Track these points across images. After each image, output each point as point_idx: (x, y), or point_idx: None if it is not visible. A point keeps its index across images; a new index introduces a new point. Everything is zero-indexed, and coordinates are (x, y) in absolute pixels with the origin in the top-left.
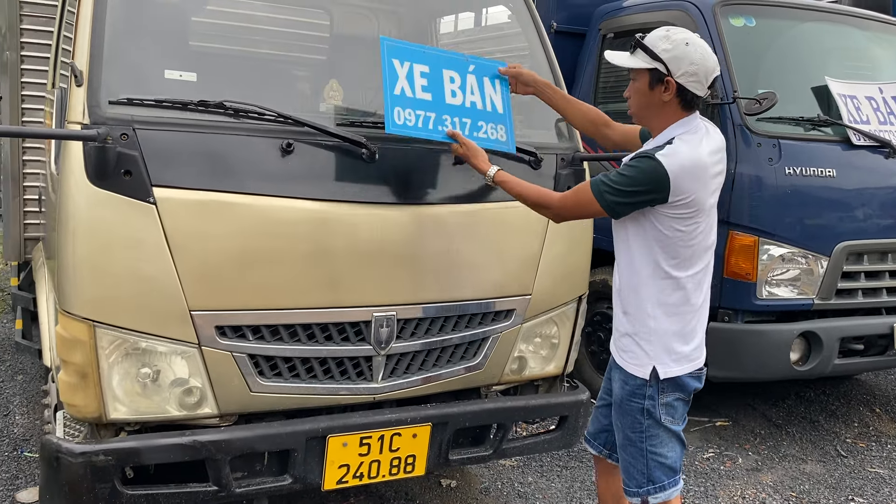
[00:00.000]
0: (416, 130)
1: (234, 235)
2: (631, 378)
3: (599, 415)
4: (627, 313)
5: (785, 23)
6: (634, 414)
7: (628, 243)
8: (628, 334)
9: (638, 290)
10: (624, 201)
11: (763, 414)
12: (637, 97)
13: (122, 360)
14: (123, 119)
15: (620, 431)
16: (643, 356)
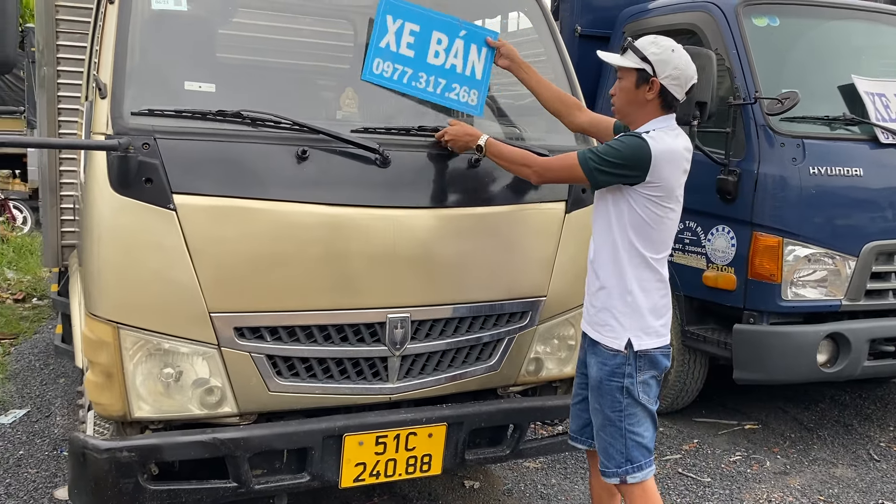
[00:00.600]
0: (389, 82)
1: (251, 240)
2: (610, 358)
3: (579, 410)
4: (605, 288)
5: (810, 21)
6: (613, 393)
7: (609, 223)
8: (606, 308)
9: (617, 267)
10: (606, 170)
11: (794, 417)
12: (622, 94)
13: (145, 360)
14: (145, 129)
15: (599, 413)
16: (619, 328)
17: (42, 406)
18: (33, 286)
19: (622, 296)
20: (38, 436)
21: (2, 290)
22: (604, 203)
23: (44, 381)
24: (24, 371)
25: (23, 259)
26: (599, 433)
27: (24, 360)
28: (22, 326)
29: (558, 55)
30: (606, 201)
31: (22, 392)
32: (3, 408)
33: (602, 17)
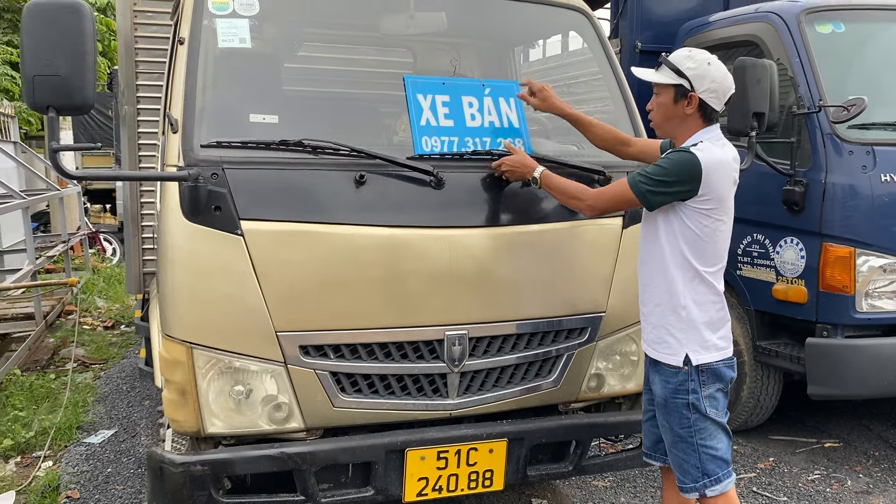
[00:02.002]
0: (441, 152)
1: (313, 262)
2: (672, 375)
3: (650, 427)
4: (659, 305)
5: (876, 25)
6: (680, 410)
7: (658, 240)
8: (661, 325)
9: (670, 283)
10: (659, 190)
11: (879, 435)
12: (661, 110)
13: (216, 378)
14: (213, 160)
15: (669, 431)
16: (676, 345)
17: (128, 426)
18: (121, 314)
19: (676, 311)
20: (124, 454)
21: (93, 318)
22: (652, 221)
23: (130, 402)
24: (112, 394)
25: (112, 288)
26: (672, 450)
27: (112, 383)
28: (111, 352)
29: (613, 75)
30: (655, 220)
31: (110, 413)
32: (94, 428)
33: (662, 31)
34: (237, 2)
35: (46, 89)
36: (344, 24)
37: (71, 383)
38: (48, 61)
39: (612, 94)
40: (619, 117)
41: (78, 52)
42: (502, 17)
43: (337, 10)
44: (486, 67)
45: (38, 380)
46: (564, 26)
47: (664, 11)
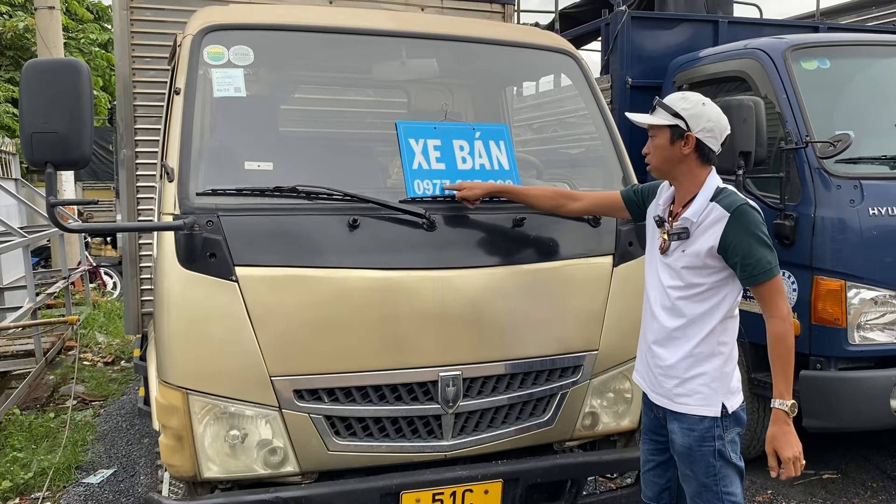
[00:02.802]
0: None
1: (307, 306)
2: (697, 423)
3: (653, 477)
4: (691, 356)
5: (861, 61)
6: (707, 458)
7: (714, 294)
8: (696, 376)
9: (707, 333)
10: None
11: (877, 466)
12: (658, 152)
13: (212, 423)
14: (208, 208)
15: (693, 480)
16: (711, 395)
17: (128, 466)
18: (122, 349)
19: (710, 359)
20: (123, 494)
21: (93, 354)
22: (697, 275)
23: (129, 441)
24: (111, 432)
25: (112, 323)
26: (695, 500)
27: (112, 420)
28: (111, 388)
29: (601, 114)
30: (705, 274)
31: (110, 452)
32: (93, 468)
33: (652, 67)
34: (232, 51)
35: (44, 146)
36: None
37: (70, 421)
38: (46, 118)
39: (600, 133)
40: (606, 155)
41: (75, 109)
42: (492, 60)
43: (330, 57)
44: (478, 108)
45: (37, 419)
46: (553, 68)
47: (654, 47)
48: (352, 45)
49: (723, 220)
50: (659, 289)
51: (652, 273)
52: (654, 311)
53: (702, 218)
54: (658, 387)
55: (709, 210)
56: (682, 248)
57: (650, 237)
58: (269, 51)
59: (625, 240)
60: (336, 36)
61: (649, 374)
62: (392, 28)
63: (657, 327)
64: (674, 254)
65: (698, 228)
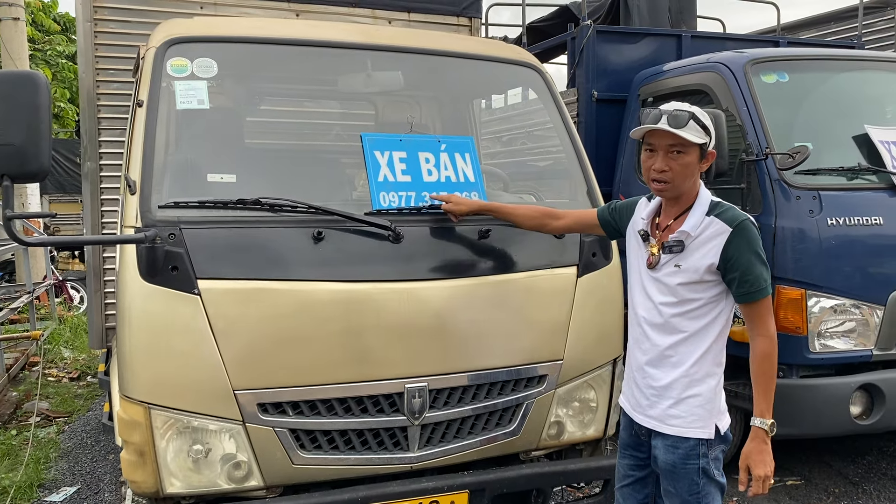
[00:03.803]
0: (399, 207)
1: (272, 319)
2: (681, 441)
3: (631, 491)
4: (688, 375)
5: (819, 75)
6: (691, 476)
7: (710, 310)
8: (691, 396)
9: (703, 354)
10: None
11: (839, 471)
12: (686, 170)
13: (175, 438)
14: (171, 221)
15: (676, 497)
16: (706, 416)
17: (92, 483)
18: (88, 364)
19: (706, 380)
20: None
21: (58, 369)
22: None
23: (94, 457)
24: (76, 448)
25: (78, 338)
26: None
27: (76, 437)
28: (76, 404)
29: (564, 127)
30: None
31: (73, 469)
32: (56, 486)
33: (617, 80)
34: (195, 64)
35: (1, 158)
36: (304, 81)
37: (33, 438)
38: (2, 131)
39: (564, 146)
40: (570, 168)
41: (33, 121)
42: (457, 73)
43: (296, 70)
44: (445, 121)
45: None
46: (517, 81)
47: (619, 61)
48: (318, 57)
49: (724, 235)
50: (648, 306)
51: (638, 291)
52: (645, 329)
53: (699, 231)
54: (649, 408)
55: (707, 224)
56: (676, 262)
57: (634, 254)
58: (234, 63)
59: (588, 251)
60: (302, 49)
61: (639, 395)
62: (358, 41)
63: (648, 346)
64: (664, 268)
65: (695, 242)
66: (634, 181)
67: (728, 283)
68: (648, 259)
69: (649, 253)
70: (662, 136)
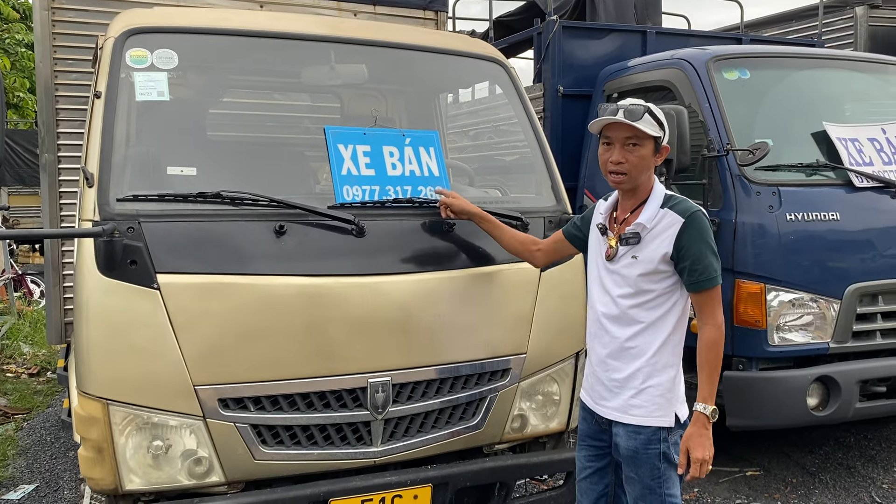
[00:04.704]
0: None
1: (233, 314)
2: (643, 428)
3: (590, 483)
4: (649, 366)
5: (780, 72)
6: (653, 461)
7: (665, 299)
8: (651, 387)
9: (666, 342)
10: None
11: (797, 462)
12: (643, 163)
13: (134, 434)
14: (129, 214)
15: (638, 483)
16: (666, 405)
17: (51, 480)
18: (48, 360)
19: (666, 370)
20: None
21: (17, 365)
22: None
23: (54, 454)
24: (34, 446)
25: (38, 333)
26: (638, 502)
27: (35, 434)
28: (35, 401)
29: (529, 122)
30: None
31: (32, 467)
32: (13, 483)
33: (583, 76)
34: (156, 55)
35: None
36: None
37: None
38: None
39: (528, 141)
40: (535, 163)
41: None
42: (422, 67)
43: (259, 62)
44: (411, 114)
45: None
46: (482, 76)
47: (585, 57)
48: (281, 49)
49: (676, 225)
50: (605, 300)
51: (597, 286)
52: (604, 323)
53: (654, 223)
54: (611, 399)
55: (661, 216)
56: (633, 253)
57: (594, 249)
58: (195, 55)
59: None
60: (265, 40)
61: (601, 388)
62: (322, 33)
63: (608, 340)
64: (622, 260)
65: (650, 233)
66: (600, 176)
67: (679, 272)
68: (607, 251)
69: (608, 245)
70: (619, 129)
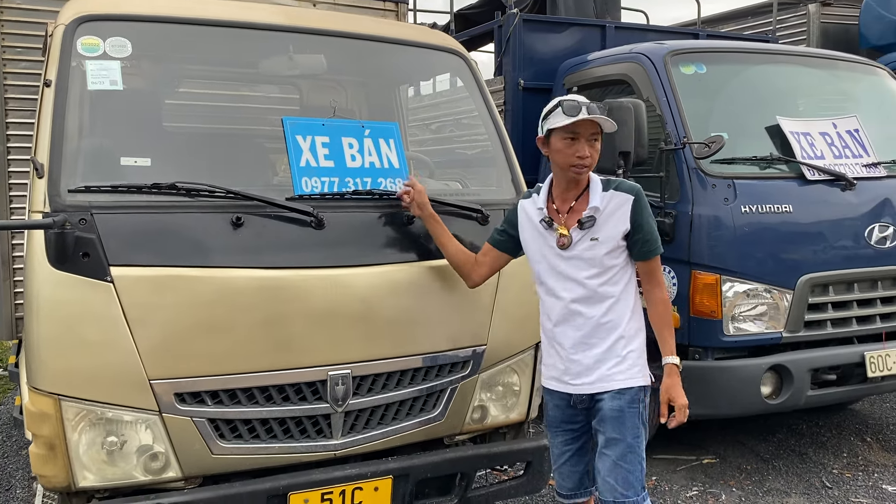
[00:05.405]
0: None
1: (189, 307)
2: (626, 389)
3: (571, 466)
4: (625, 336)
5: (736, 67)
6: (634, 419)
7: (624, 272)
8: (630, 352)
9: (633, 310)
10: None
11: (752, 449)
12: (598, 154)
13: (88, 429)
14: (81, 205)
15: (621, 443)
16: (643, 366)
17: (2, 479)
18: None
19: (638, 335)
20: None
21: None
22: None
23: (6, 453)
24: None
25: None
26: (619, 464)
27: None
28: None
29: (489, 114)
30: (618, 256)
31: None
32: None
33: (543, 69)
34: (108, 43)
35: None
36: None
37: None
38: None
39: (489, 133)
40: (495, 155)
41: None
42: (382, 58)
43: (216, 51)
44: (372, 106)
45: None
46: (442, 67)
47: (545, 50)
48: (238, 39)
49: (629, 202)
50: (569, 286)
51: (552, 277)
52: (574, 308)
53: (605, 205)
54: (591, 374)
55: (609, 197)
56: (592, 236)
57: (535, 245)
58: (150, 43)
59: None
60: (221, 29)
61: (577, 368)
62: (280, 23)
63: (582, 322)
64: (580, 244)
65: (603, 214)
66: None
67: (633, 244)
68: (560, 241)
69: (558, 235)
70: (587, 125)
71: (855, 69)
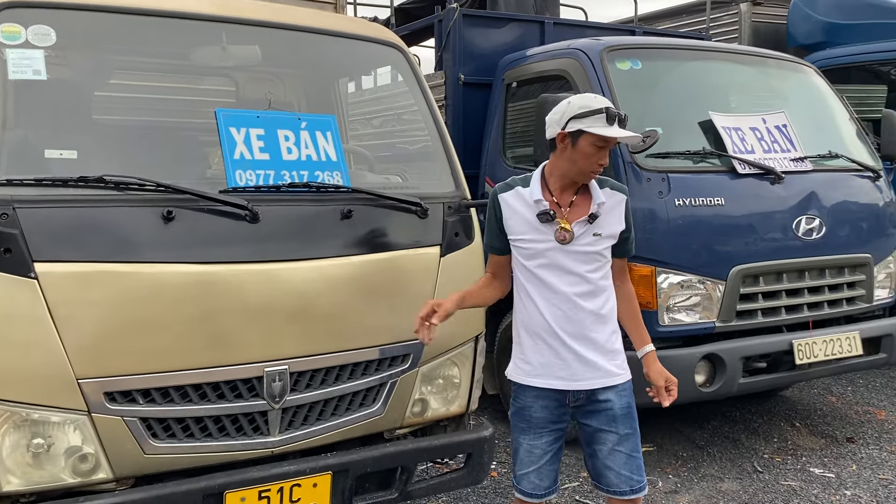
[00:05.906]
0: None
1: (118, 303)
2: (626, 384)
3: (550, 465)
4: (615, 330)
5: (670, 63)
6: (635, 411)
7: (606, 260)
8: (620, 346)
9: (613, 298)
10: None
11: (687, 437)
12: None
13: (12, 432)
14: (3, 200)
15: (633, 437)
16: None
17: None
18: None
19: (618, 328)
20: None
21: None
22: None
23: None
24: None
25: None
26: (632, 455)
27: None
28: None
29: (427, 108)
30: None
31: None
32: None
33: (483, 65)
34: (31, 31)
35: None
36: (155, 53)
37: None
38: None
39: (427, 127)
40: (434, 149)
41: None
42: (319, 50)
43: (146, 41)
44: (310, 99)
45: None
46: (380, 61)
47: (485, 45)
48: (169, 28)
49: (623, 201)
50: (572, 279)
51: (551, 272)
52: (577, 302)
53: (605, 200)
54: (593, 370)
55: (608, 194)
56: (595, 231)
57: (531, 238)
58: (76, 32)
59: (451, 230)
60: (152, 19)
61: (577, 365)
62: (212, 12)
63: (583, 316)
64: (582, 238)
65: (603, 210)
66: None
67: (622, 241)
68: (560, 235)
69: (559, 229)
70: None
71: (783, 67)
